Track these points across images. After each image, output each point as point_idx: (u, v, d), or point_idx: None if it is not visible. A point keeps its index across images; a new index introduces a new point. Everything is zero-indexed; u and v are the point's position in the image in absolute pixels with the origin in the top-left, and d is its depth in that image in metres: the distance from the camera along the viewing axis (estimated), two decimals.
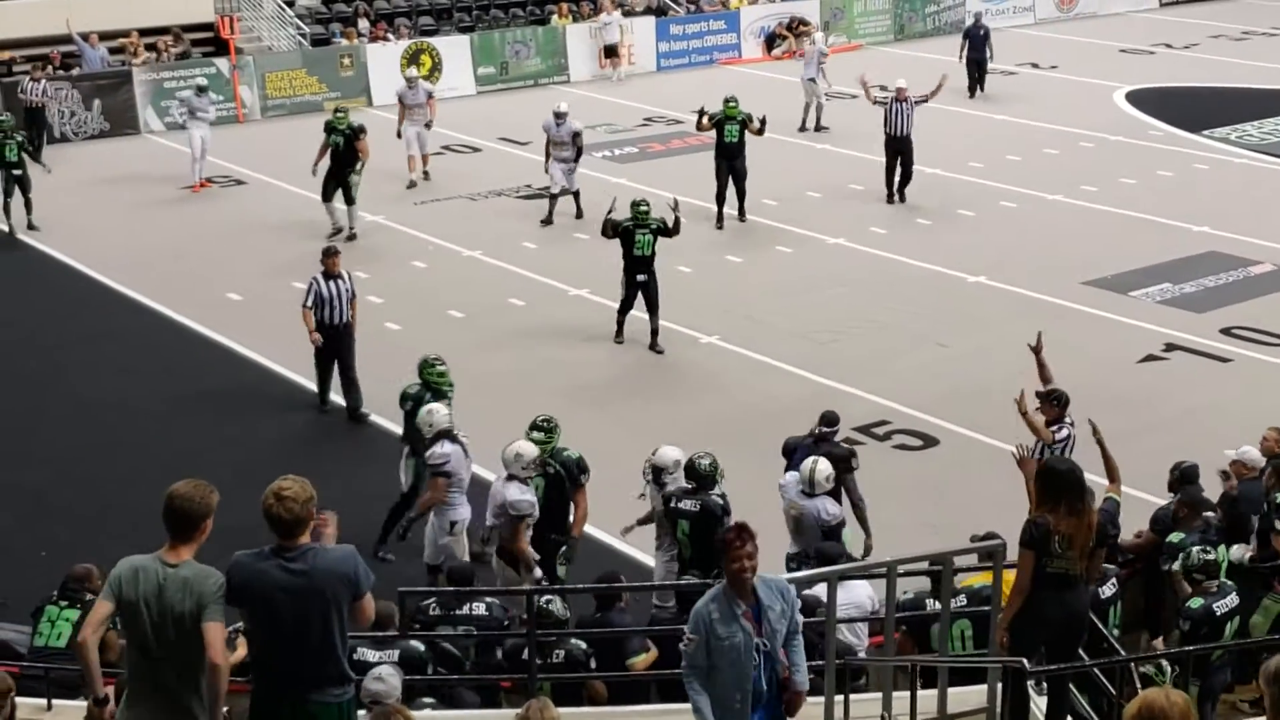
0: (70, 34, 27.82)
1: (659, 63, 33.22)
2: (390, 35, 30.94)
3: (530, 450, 10.64)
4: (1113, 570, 9.63)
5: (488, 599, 9.44)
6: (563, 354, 16.89)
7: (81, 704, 7.74)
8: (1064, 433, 11.41)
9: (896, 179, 22.21)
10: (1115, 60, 33.40)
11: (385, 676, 7.49)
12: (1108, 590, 9.43)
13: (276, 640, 6.10)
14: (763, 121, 21.55)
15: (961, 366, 16.36)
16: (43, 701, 8.45)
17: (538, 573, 10.44)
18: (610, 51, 32.20)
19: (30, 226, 21.50)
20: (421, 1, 32.85)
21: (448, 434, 11.20)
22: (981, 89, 29.43)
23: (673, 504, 10.54)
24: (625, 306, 16.78)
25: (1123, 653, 8.40)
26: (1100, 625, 8.47)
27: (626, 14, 33.63)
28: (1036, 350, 11.82)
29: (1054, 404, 11.55)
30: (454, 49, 30.92)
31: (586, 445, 12.08)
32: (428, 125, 23.70)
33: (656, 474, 10.85)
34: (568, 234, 21.12)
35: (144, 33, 29.10)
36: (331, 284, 14.99)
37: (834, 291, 18.78)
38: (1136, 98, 29.67)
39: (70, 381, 16.44)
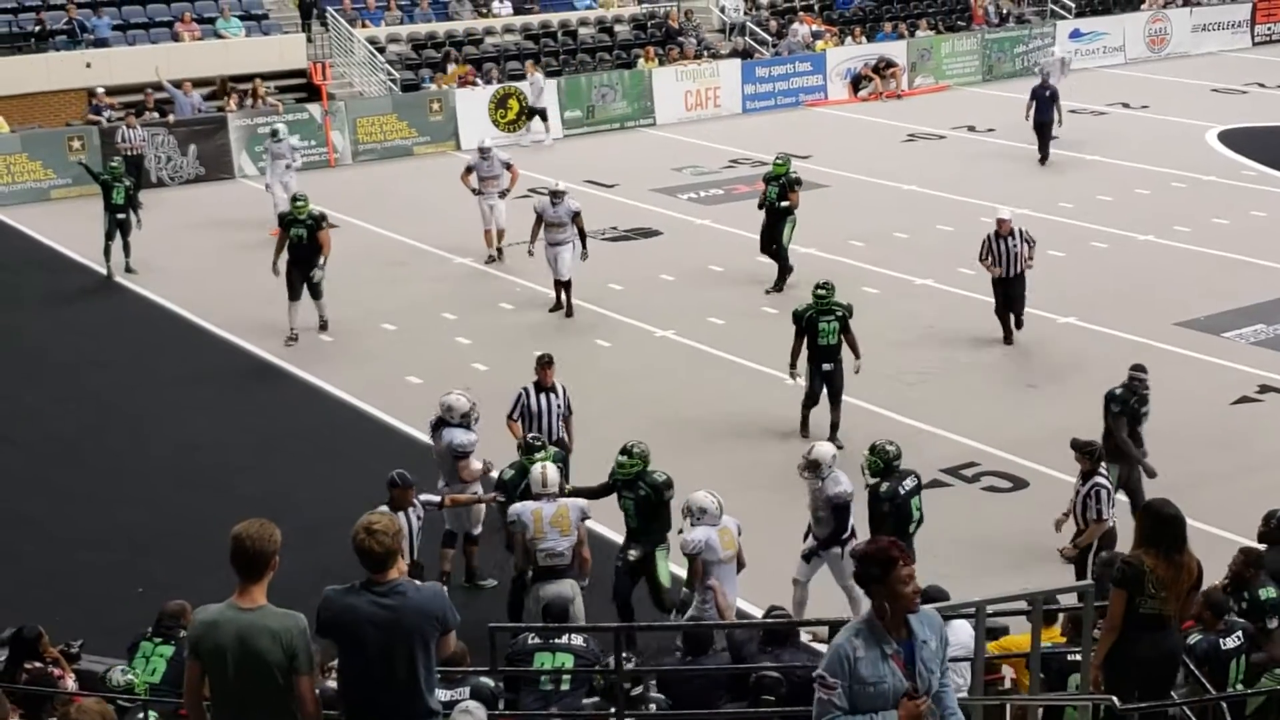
0: (160, 81, 28.37)
1: (744, 105, 33.32)
2: (478, 80, 31.29)
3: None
4: (1240, 624, 9.09)
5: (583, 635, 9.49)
6: (657, 393, 16.92)
7: None
8: (1095, 489, 11.64)
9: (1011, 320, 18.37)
10: (1207, 100, 33.05)
11: (473, 710, 7.51)
12: (1231, 642, 8.87)
13: (365, 674, 6.13)
14: (792, 197, 20.33)
15: (1051, 408, 16.19)
16: None
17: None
18: (533, 114, 30.44)
19: (128, 270, 21.93)
20: (509, 46, 33.22)
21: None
22: (1045, 158, 27.11)
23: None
24: (810, 401, 15.35)
25: (1213, 692, 8.26)
26: (1220, 678, 8.23)
27: (714, 57, 33.81)
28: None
29: (1089, 456, 11.79)
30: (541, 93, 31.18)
31: (688, 484, 12.11)
32: (502, 195, 21.91)
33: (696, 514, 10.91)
34: (655, 274, 21.17)
35: (236, 79, 29.65)
36: (543, 397, 13.50)
37: (921, 333, 18.69)
38: (1229, 137, 29.34)
39: (165, 421, 16.72)
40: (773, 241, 20.36)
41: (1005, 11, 38.96)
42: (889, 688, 5.57)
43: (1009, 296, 18.01)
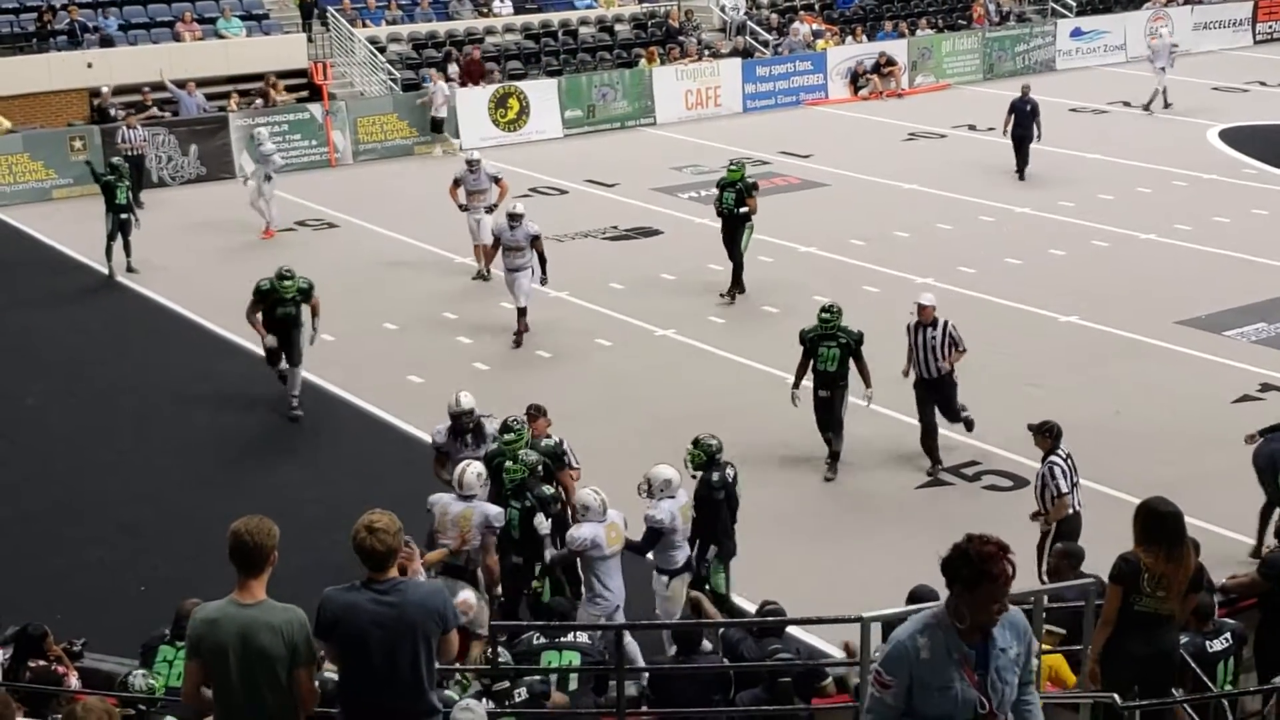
0: (164, 82, 28.41)
1: (745, 104, 33.33)
2: (482, 80, 31.25)
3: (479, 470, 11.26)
4: (1230, 625, 9.08)
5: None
6: (652, 393, 16.95)
7: None
8: (1049, 467, 11.76)
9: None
10: (1208, 98, 33.06)
11: (474, 708, 7.53)
12: (1218, 644, 8.89)
13: (367, 673, 6.14)
14: (750, 203, 19.71)
15: (1052, 407, 16.14)
16: None
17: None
18: (435, 126, 29.69)
19: (129, 269, 21.95)
20: (510, 46, 33.23)
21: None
22: (1021, 173, 25.95)
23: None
24: (821, 426, 14.72)
25: (1214, 690, 8.27)
26: (1208, 680, 8.26)
27: (714, 56, 33.81)
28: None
29: (1047, 436, 11.90)
30: (542, 92, 31.24)
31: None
32: (489, 210, 20.76)
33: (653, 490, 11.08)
34: (655, 274, 21.19)
35: (238, 79, 29.69)
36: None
37: None
38: (1230, 136, 29.35)
39: (167, 420, 16.74)
40: (732, 247, 19.84)
41: (1006, 10, 38.96)
42: (957, 695, 5.05)
43: (932, 400, 14.71)
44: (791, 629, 10.24)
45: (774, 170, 27.56)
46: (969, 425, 14.91)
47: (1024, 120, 25.88)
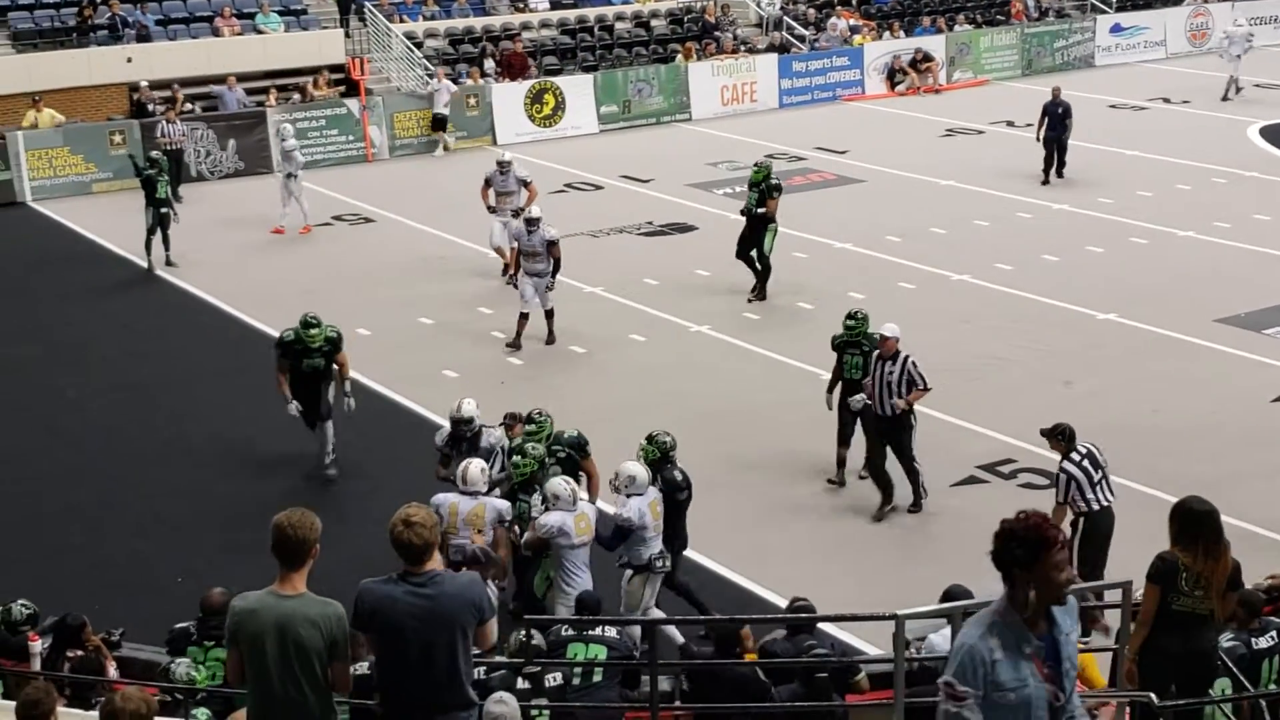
0: (210, 90, 28.54)
1: (781, 99, 33.26)
2: (521, 75, 31.30)
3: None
4: (1276, 623, 8.92)
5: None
6: (686, 388, 16.95)
7: None
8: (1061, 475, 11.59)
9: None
10: (1249, 94, 32.81)
11: (506, 699, 7.56)
12: (1264, 642, 8.72)
13: (404, 665, 6.18)
14: (770, 205, 19.33)
15: (1089, 405, 16.11)
16: None
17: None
18: (438, 123, 29.45)
19: (168, 263, 22.10)
20: (546, 42, 33.27)
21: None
22: (1059, 173, 25.44)
23: None
24: (840, 437, 14.22)
25: (1259, 687, 8.22)
26: (1246, 681, 8.19)
27: (750, 52, 33.77)
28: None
29: (1060, 439, 11.76)
30: (578, 88, 31.26)
31: (710, 475, 12.16)
32: (516, 213, 20.08)
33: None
34: (690, 269, 21.18)
35: (276, 75, 29.84)
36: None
37: (958, 328, 18.64)
38: (1271, 133, 29.13)
39: (205, 412, 16.85)
40: (752, 248, 19.57)
41: (1045, 6, 38.76)
42: (1030, 693, 4.74)
43: (883, 441, 13.67)
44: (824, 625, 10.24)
45: (809, 166, 27.53)
46: (917, 494, 13.66)
47: (1056, 123, 25.38)
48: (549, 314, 18.27)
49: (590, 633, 9.31)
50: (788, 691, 8.88)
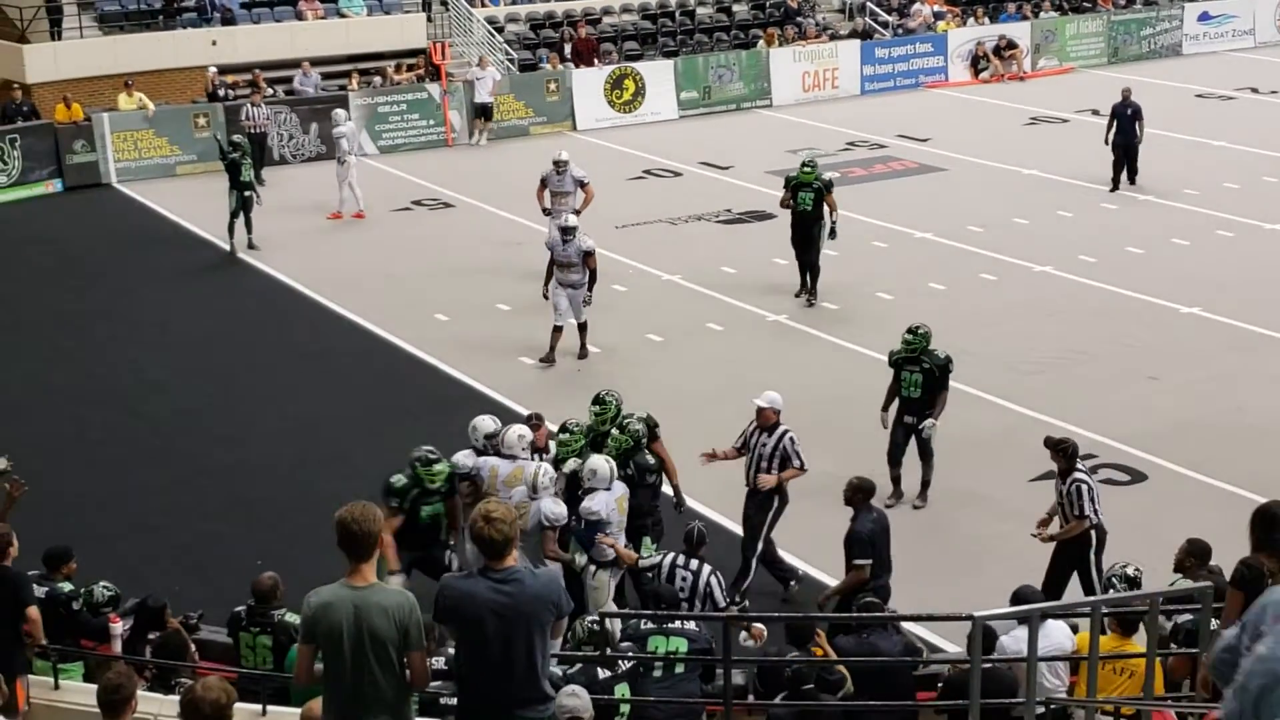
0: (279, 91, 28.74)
1: (863, 86, 33.02)
2: (595, 60, 31.36)
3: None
4: None
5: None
6: (764, 378, 16.85)
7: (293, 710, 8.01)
8: (1075, 485, 11.30)
9: None
10: None
11: (578, 692, 7.58)
12: None
13: (484, 660, 6.21)
14: (829, 200, 18.81)
15: (1173, 400, 15.92)
16: (257, 708, 8.69)
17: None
18: (482, 112, 29.07)
19: (250, 246, 22.32)
20: (627, 26, 33.23)
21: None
22: (1131, 180, 23.93)
23: None
24: (891, 456, 13.76)
25: None
26: None
27: (832, 38, 33.55)
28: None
29: (1063, 454, 11.45)
30: (658, 73, 31.21)
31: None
32: (575, 215, 19.01)
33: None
34: (768, 258, 21.08)
35: (357, 58, 30.02)
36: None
37: (1040, 320, 18.44)
38: None
39: (286, 396, 17.01)
40: (810, 249, 18.98)
41: None
42: None
43: (746, 513, 12.36)
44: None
45: (891, 154, 27.32)
46: (786, 583, 12.29)
47: (1126, 125, 23.87)
48: (582, 328, 17.49)
49: (670, 625, 9.30)
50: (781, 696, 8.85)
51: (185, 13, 29.66)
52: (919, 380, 13.51)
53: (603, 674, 8.64)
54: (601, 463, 11.23)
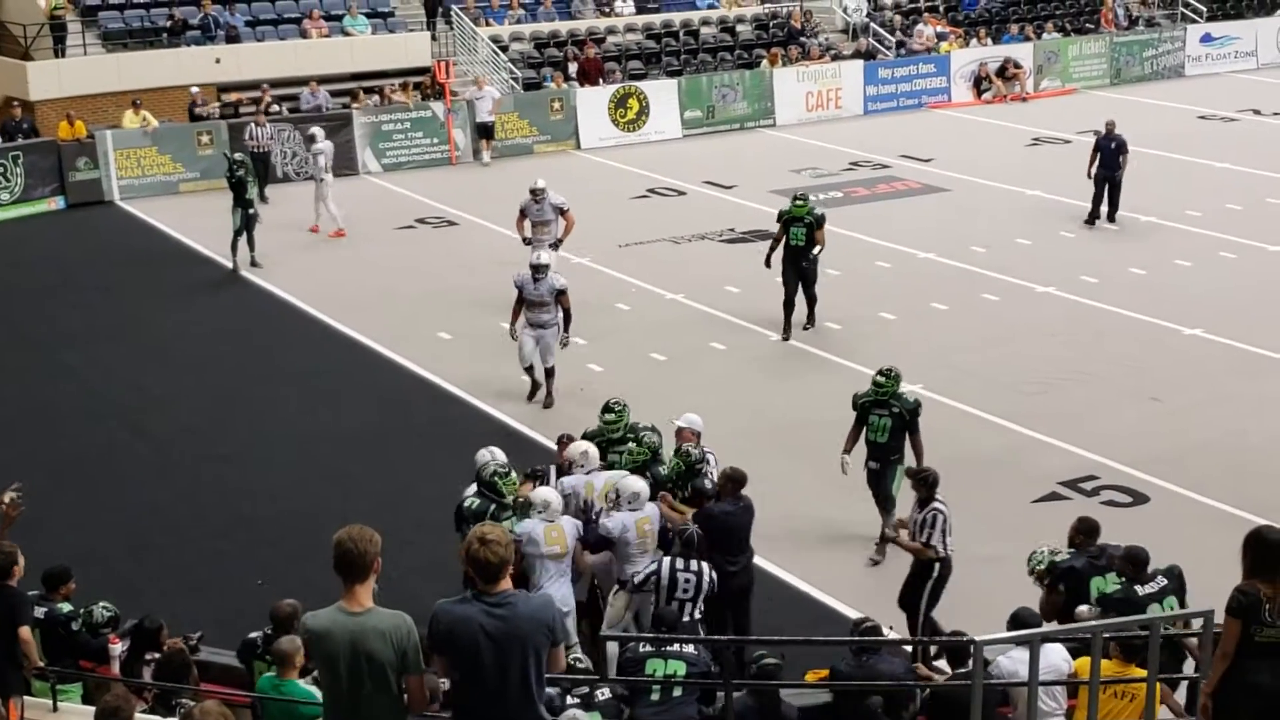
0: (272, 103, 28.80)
1: (866, 106, 33.08)
2: (600, 79, 31.41)
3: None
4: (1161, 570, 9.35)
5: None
6: (765, 399, 16.88)
7: None
8: (933, 514, 11.25)
9: None
10: None
11: (579, 717, 7.56)
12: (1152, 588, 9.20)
13: (479, 685, 6.16)
14: (818, 236, 18.44)
15: (1175, 422, 15.89)
16: None
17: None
18: (484, 131, 29.15)
19: (253, 264, 22.33)
20: (631, 46, 33.29)
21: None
22: (1111, 217, 23.17)
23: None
24: (876, 500, 13.30)
25: None
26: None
27: (835, 58, 33.59)
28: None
29: (924, 484, 11.41)
30: (661, 93, 31.26)
31: (780, 488, 12.11)
32: (555, 245, 19.35)
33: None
34: (771, 277, 21.04)
35: (361, 77, 30.07)
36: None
37: (1042, 341, 18.43)
38: None
39: (288, 414, 17.00)
40: (802, 284, 18.56)
41: (1135, 14, 38.27)
42: None
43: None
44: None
45: (894, 174, 27.34)
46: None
47: (1110, 159, 23.06)
48: (550, 372, 16.56)
49: (669, 649, 9.27)
50: (739, 702, 8.84)
51: (189, 30, 29.72)
52: (887, 425, 13.03)
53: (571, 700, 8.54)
54: (642, 484, 11.11)
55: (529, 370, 16.65)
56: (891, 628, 10.43)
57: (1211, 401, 16.39)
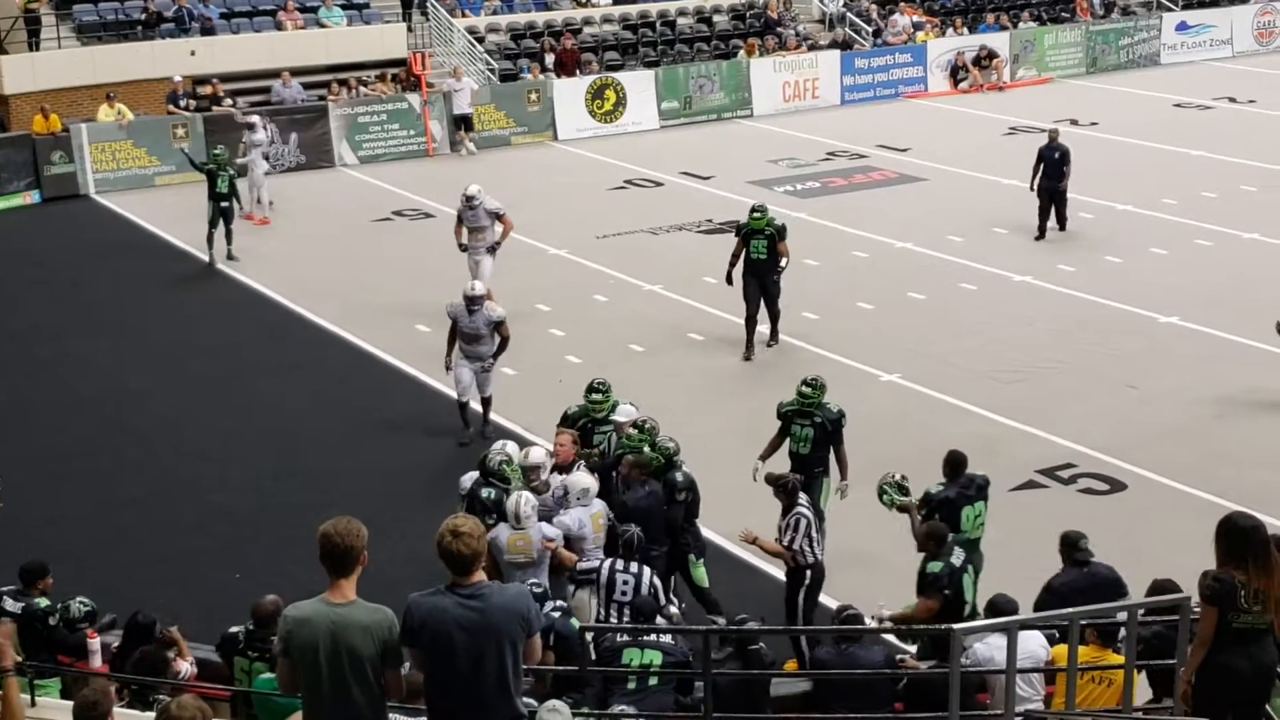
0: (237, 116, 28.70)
1: (843, 96, 33.11)
2: (577, 70, 31.38)
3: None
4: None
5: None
6: (740, 388, 16.90)
7: None
8: (796, 518, 11.24)
9: None
10: None
11: (559, 708, 7.53)
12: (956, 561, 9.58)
13: (452, 677, 6.14)
14: (781, 248, 17.75)
15: (1152, 410, 15.96)
16: None
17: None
18: (462, 123, 29.02)
19: (230, 257, 22.26)
20: (607, 37, 33.26)
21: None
22: (1061, 227, 22.29)
23: None
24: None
25: None
26: None
27: (812, 48, 33.61)
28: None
29: (784, 490, 11.41)
30: (639, 84, 31.22)
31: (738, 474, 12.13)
32: (492, 250, 19.08)
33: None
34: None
35: (337, 69, 29.97)
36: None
37: (1019, 330, 18.48)
38: None
39: (264, 408, 16.96)
40: (765, 300, 17.87)
41: (1110, 3, 38.35)
42: None
43: None
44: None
45: (871, 164, 27.38)
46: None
47: (1053, 170, 22.07)
48: (486, 402, 15.83)
49: (646, 638, 9.29)
50: (824, 651, 9.04)
51: (164, 23, 29.58)
52: (810, 435, 12.72)
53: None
54: (591, 481, 11.28)
55: (462, 407, 15.79)
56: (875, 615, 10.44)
57: (1188, 389, 16.46)
